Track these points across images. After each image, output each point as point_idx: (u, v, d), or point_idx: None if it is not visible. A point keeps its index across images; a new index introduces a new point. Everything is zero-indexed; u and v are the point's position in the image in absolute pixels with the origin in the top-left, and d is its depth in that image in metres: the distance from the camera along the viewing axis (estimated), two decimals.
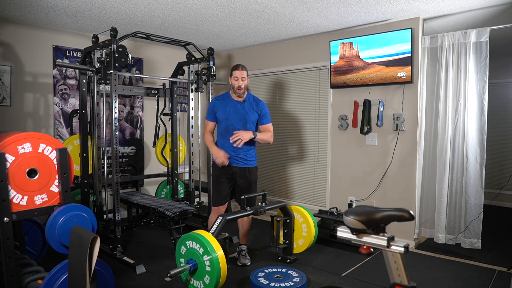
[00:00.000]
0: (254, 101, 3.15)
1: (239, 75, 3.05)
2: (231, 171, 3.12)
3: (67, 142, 3.78)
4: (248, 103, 3.13)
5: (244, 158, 3.11)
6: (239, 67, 3.08)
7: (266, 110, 3.17)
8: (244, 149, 3.09)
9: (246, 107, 3.11)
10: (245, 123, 3.08)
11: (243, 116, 3.08)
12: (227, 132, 3.09)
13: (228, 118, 3.09)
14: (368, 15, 3.57)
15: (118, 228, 3.39)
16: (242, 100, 3.12)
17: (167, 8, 3.38)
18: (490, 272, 3.11)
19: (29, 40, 3.89)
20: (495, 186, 4.82)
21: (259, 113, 3.13)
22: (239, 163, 3.11)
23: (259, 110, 3.13)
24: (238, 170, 3.11)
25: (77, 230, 2.32)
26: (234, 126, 3.07)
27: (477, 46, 3.41)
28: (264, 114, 3.15)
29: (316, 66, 4.42)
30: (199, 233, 2.58)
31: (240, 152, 3.09)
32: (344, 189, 4.20)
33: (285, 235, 3.26)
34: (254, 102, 3.15)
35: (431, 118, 3.73)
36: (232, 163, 3.11)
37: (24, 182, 2.33)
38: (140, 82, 4.85)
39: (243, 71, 3.08)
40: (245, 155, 3.11)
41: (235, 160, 3.11)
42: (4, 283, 2.24)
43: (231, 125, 3.08)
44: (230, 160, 3.10)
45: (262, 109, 3.14)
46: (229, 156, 3.09)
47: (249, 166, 3.14)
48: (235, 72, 3.07)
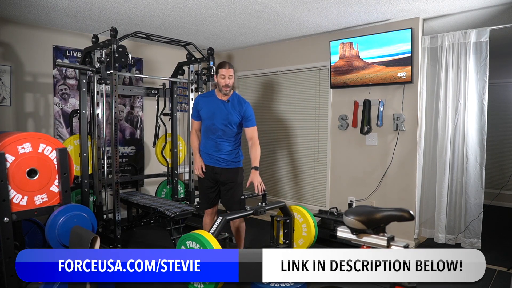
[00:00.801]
0: (238, 102, 2.96)
1: (226, 73, 2.86)
2: (213, 173, 2.99)
3: (67, 142, 3.78)
4: (232, 103, 2.94)
5: (226, 159, 2.97)
6: (225, 65, 2.89)
7: (250, 112, 2.97)
8: (226, 150, 2.96)
9: (229, 107, 2.93)
10: (227, 123, 2.91)
11: (226, 116, 2.91)
12: (210, 132, 2.96)
13: (210, 117, 2.93)
14: (368, 15, 3.57)
15: (118, 228, 3.39)
16: (227, 99, 2.94)
17: (167, 8, 3.38)
18: (490, 272, 3.10)
19: (29, 40, 3.89)
20: (495, 186, 4.82)
21: (242, 115, 2.94)
22: (221, 164, 2.97)
23: (242, 111, 2.94)
24: (220, 171, 2.97)
25: (77, 230, 2.32)
26: (216, 126, 2.92)
27: (477, 46, 3.41)
28: (247, 116, 2.95)
29: (316, 66, 4.42)
30: (199, 233, 2.58)
31: (223, 153, 2.96)
32: (344, 189, 4.20)
33: (285, 235, 3.26)
34: (238, 103, 2.95)
35: (431, 118, 3.73)
36: (214, 164, 2.98)
37: (24, 182, 2.33)
38: (140, 82, 4.85)
39: (230, 69, 2.89)
40: (228, 156, 2.97)
41: (217, 161, 2.97)
42: (4, 283, 2.25)
43: (213, 125, 2.93)
44: (212, 161, 2.99)
45: (246, 110, 2.94)
46: (203, 167, 2.99)
47: (232, 167, 2.98)
48: (222, 70, 2.87)
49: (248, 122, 2.97)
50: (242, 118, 2.95)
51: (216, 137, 2.95)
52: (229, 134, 2.95)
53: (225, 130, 2.93)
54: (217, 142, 2.96)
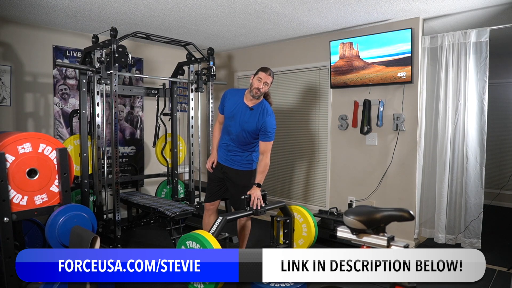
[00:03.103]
0: (261, 113, 2.82)
1: (264, 78, 2.77)
2: (222, 170, 3.01)
3: (67, 142, 3.78)
4: (254, 112, 2.82)
5: (237, 160, 2.95)
6: (267, 70, 2.80)
7: (270, 126, 2.82)
8: (236, 153, 2.93)
9: (250, 115, 2.83)
10: (241, 131, 2.84)
11: (242, 123, 2.83)
12: (225, 131, 2.97)
13: (230, 117, 2.89)
14: (368, 15, 3.57)
15: (118, 228, 3.39)
16: (251, 106, 2.83)
17: (167, 8, 3.38)
18: (490, 272, 3.10)
19: (29, 40, 3.89)
20: (495, 186, 4.82)
21: (259, 127, 2.81)
22: (230, 164, 2.97)
23: (260, 123, 2.80)
24: (228, 170, 2.96)
25: (77, 230, 2.32)
26: (231, 128, 2.90)
27: (477, 46, 3.41)
28: (265, 129, 2.80)
29: (316, 66, 4.42)
30: (199, 233, 2.57)
31: (234, 153, 2.94)
32: (344, 189, 4.20)
33: (285, 235, 3.26)
34: (261, 113, 2.82)
35: (431, 118, 3.73)
36: (224, 163, 2.99)
37: (24, 182, 2.33)
38: (140, 82, 4.85)
39: (270, 77, 2.79)
40: (239, 157, 2.94)
41: (227, 160, 2.97)
42: (4, 283, 2.25)
43: (229, 126, 2.92)
44: (222, 159, 3.00)
45: (265, 123, 2.80)
46: (215, 163, 3.02)
47: (242, 169, 2.94)
48: (261, 73, 2.78)
49: (264, 136, 2.84)
50: (259, 130, 2.82)
51: (229, 139, 2.93)
52: (241, 141, 2.89)
53: (238, 135, 2.87)
54: (228, 143, 2.94)
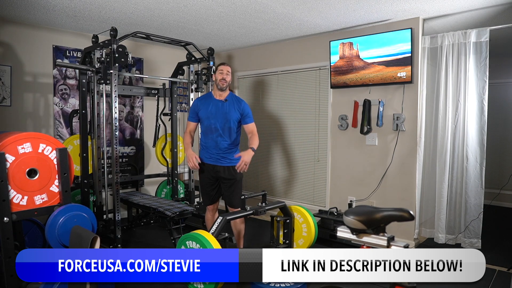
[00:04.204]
0: (236, 100, 3.15)
1: (224, 69, 3.12)
2: (215, 171, 3.11)
3: (67, 142, 3.78)
4: (230, 102, 3.12)
5: (226, 157, 3.09)
6: (224, 63, 3.19)
7: (248, 109, 3.16)
8: (225, 147, 3.08)
9: (228, 106, 3.10)
10: (226, 122, 3.07)
11: (224, 115, 3.07)
12: (209, 131, 3.10)
13: (209, 117, 3.09)
14: (368, 15, 3.57)
15: (118, 228, 3.39)
16: (224, 99, 3.11)
17: (167, 8, 3.38)
18: (490, 272, 3.10)
19: (29, 40, 3.89)
20: (495, 186, 4.82)
21: (241, 112, 3.11)
22: (222, 162, 3.09)
23: (241, 109, 3.11)
24: (221, 169, 3.09)
25: (77, 230, 2.32)
26: (215, 125, 3.07)
27: (477, 46, 3.41)
28: (246, 113, 3.13)
29: (316, 66, 4.42)
30: (199, 233, 2.58)
31: (222, 151, 3.08)
32: (344, 189, 4.20)
33: (285, 235, 3.26)
34: (236, 101, 3.14)
35: (431, 118, 3.73)
36: (215, 163, 3.10)
37: (24, 182, 2.33)
38: (140, 82, 4.85)
39: (228, 66, 3.16)
40: (227, 154, 3.10)
41: (218, 159, 3.09)
42: (4, 283, 2.25)
43: (212, 124, 3.08)
44: (212, 160, 3.10)
45: (244, 108, 3.13)
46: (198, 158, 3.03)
47: (233, 164, 3.07)
48: (221, 66, 3.14)
49: (247, 119, 3.14)
50: (241, 115, 3.12)
51: (216, 135, 3.08)
52: (228, 132, 3.09)
53: (224, 128, 3.08)
54: (216, 140, 3.08)
